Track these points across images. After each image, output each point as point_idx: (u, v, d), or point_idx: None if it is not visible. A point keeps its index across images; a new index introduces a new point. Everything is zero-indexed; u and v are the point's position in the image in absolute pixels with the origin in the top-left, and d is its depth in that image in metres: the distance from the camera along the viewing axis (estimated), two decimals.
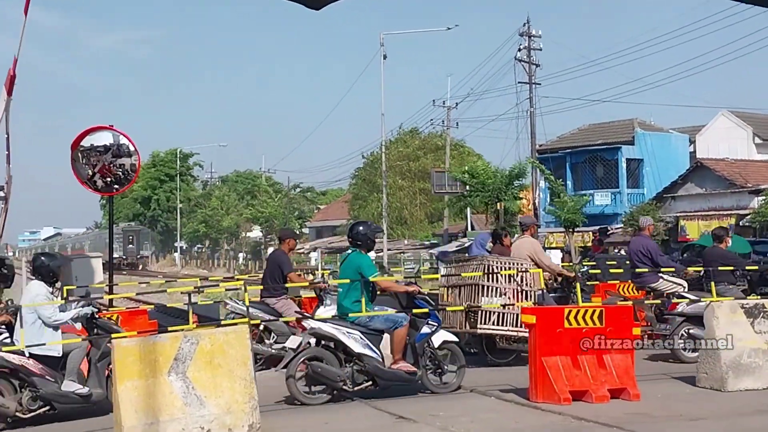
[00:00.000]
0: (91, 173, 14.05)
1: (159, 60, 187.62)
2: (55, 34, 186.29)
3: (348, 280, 10.77)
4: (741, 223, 36.23)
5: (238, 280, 12.65)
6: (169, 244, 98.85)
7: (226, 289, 11.48)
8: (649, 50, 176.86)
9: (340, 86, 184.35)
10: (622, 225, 41.85)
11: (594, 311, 10.06)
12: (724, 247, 14.23)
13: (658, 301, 13.40)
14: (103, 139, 14.30)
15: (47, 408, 10.23)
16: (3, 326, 10.58)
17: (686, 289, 13.54)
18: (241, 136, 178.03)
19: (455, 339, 11.18)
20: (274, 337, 13.17)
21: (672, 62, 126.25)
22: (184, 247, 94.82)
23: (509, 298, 12.39)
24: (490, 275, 12.52)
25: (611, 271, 16.79)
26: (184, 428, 8.18)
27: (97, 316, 10.99)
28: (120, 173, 14.20)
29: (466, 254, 18.16)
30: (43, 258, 11.17)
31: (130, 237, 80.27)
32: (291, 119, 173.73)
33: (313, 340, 10.63)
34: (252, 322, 12.25)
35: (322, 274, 19.57)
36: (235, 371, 8.54)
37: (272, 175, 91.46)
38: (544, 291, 13.17)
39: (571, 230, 40.99)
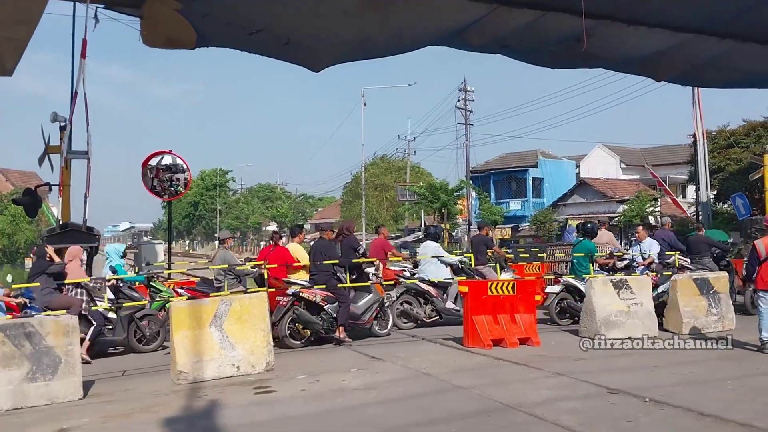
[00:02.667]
0: (156, 184, 13.93)
1: (203, 105, 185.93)
2: (128, 85, 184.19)
3: (582, 254, 12.05)
4: (611, 224, 36.52)
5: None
6: (211, 235, 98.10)
7: (251, 267, 11.34)
8: (548, 101, 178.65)
9: (333, 121, 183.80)
10: (528, 224, 42.09)
11: (508, 284, 10.09)
12: (702, 233, 14.43)
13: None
14: (165, 160, 14.17)
15: (437, 317, 12.10)
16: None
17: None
18: (263, 158, 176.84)
19: None
20: None
21: (564, 110, 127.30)
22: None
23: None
24: None
25: (520, 255, 16.98)
26: (221, 365, 8.14)
27: (461, 266, 12.87)
28: (176, 184, 14.10)
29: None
30: (431, 227, 13.67)
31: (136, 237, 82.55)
32: (298, 145, 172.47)
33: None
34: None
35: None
36: (257, 325, 8.50)
37: (284, 186, 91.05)
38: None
39: (493, 227, 41.18)
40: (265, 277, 10.99)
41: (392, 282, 12.33)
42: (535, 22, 9.92)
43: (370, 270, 11.47)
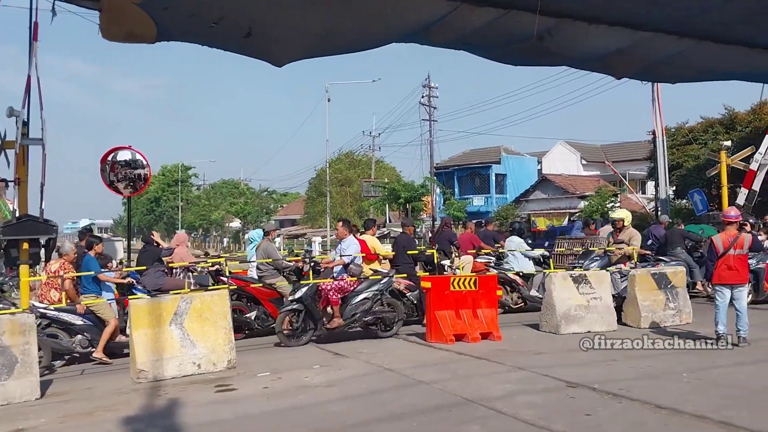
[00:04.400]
0: (114, 180, 13.66)
1: (166, 99, 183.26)
2: (91, 79, 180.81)
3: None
4: (571, 219, 36.97)
5: (221, 257, 12.58)
6: (172, 231, 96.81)
7: (212, 264, 11.30)
8: (510, 99, 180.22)
9: (298, 117, 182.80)
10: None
11: (470, 279, 10.17)
12: (680, 228, 15.19)
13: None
14: (124, 155, 13.91)
15: (523, 303, 12.73)
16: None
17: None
18: (226, 153, 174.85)
19: None
20: None
21: (526, 107, 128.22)
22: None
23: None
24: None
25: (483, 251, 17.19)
26: (181, 363, 8.07)
27: (542, 259, 13.44)
28: (135, 180, 13.84)
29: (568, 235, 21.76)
30: (515, 223, 13.98)
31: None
32: (262, 140, 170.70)
33: None
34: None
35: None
36: (218, 323, 8.43)
37: (248, 182, 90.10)
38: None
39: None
40: (302, 270, 11.38)
41: (480, 271, 13.02)
42: (498, 20, 10.01)
43: (446, 262, 12.39)
